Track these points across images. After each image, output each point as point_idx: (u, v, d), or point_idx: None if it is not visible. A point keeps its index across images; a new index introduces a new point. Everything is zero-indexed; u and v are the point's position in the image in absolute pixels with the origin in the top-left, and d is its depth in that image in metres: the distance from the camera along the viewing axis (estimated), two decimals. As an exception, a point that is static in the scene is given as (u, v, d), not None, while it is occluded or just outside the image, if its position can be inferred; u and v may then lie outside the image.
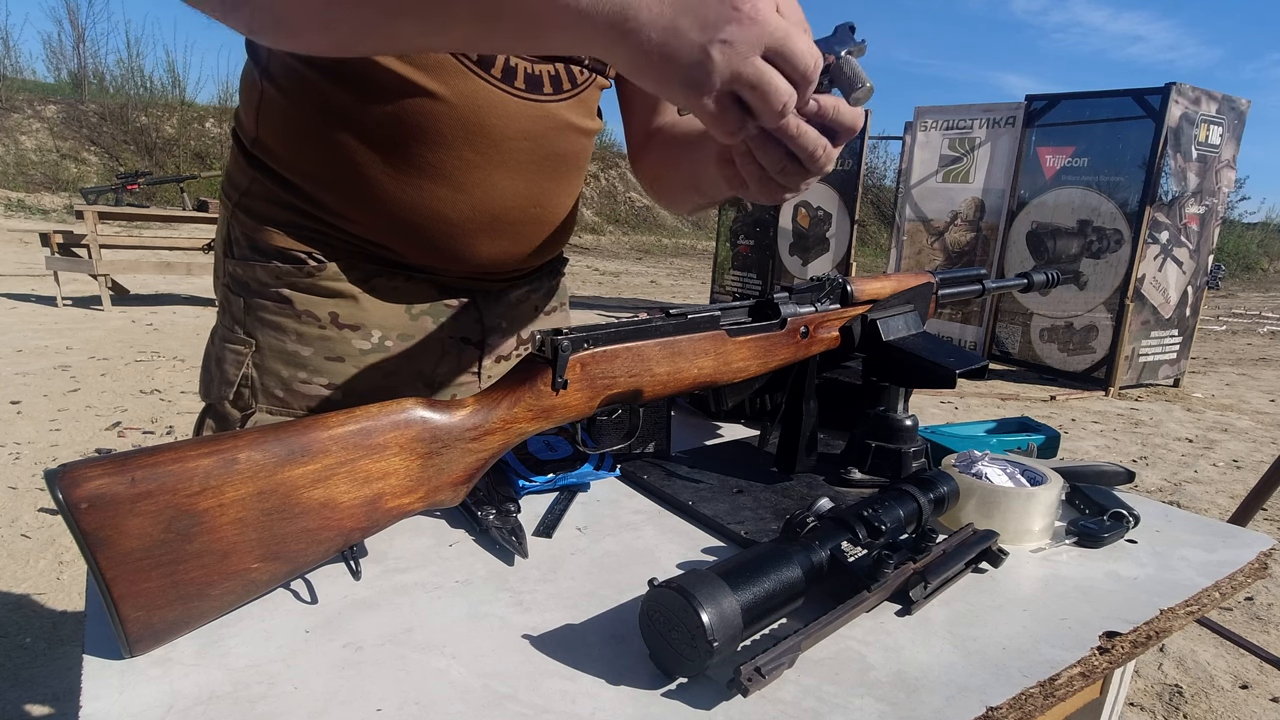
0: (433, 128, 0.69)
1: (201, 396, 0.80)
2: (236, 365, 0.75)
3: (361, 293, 0.76)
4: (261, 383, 0.75)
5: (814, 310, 0.72)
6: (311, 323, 0.75)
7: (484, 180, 0.72)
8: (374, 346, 0.77)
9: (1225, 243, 17.43)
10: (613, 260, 14.88)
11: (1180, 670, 2.03)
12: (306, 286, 0.74)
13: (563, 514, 0.67)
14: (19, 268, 7.88)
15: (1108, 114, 5.26)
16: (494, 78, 0.69)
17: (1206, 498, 3.34)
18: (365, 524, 0.50)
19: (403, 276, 0.77)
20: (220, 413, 0.77)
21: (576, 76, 0.76)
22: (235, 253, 0.76)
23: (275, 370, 0.75)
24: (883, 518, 0.55)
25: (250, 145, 0.74)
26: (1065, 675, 0.47)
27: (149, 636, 0.44)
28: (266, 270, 0.74)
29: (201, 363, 0.81)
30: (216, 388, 0.77)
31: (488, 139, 0.71)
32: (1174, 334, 5.54)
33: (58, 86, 15.51)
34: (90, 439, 3.20)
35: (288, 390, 0.75)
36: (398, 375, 0.78)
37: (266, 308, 0.75)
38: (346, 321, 0.76)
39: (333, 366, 0.76)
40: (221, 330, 0.78)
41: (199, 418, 0.80)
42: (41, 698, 1.67)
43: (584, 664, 0.46)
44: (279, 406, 0.76)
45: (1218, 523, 0.73)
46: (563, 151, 0.78)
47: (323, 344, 0.75)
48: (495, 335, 0.85)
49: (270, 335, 0.75)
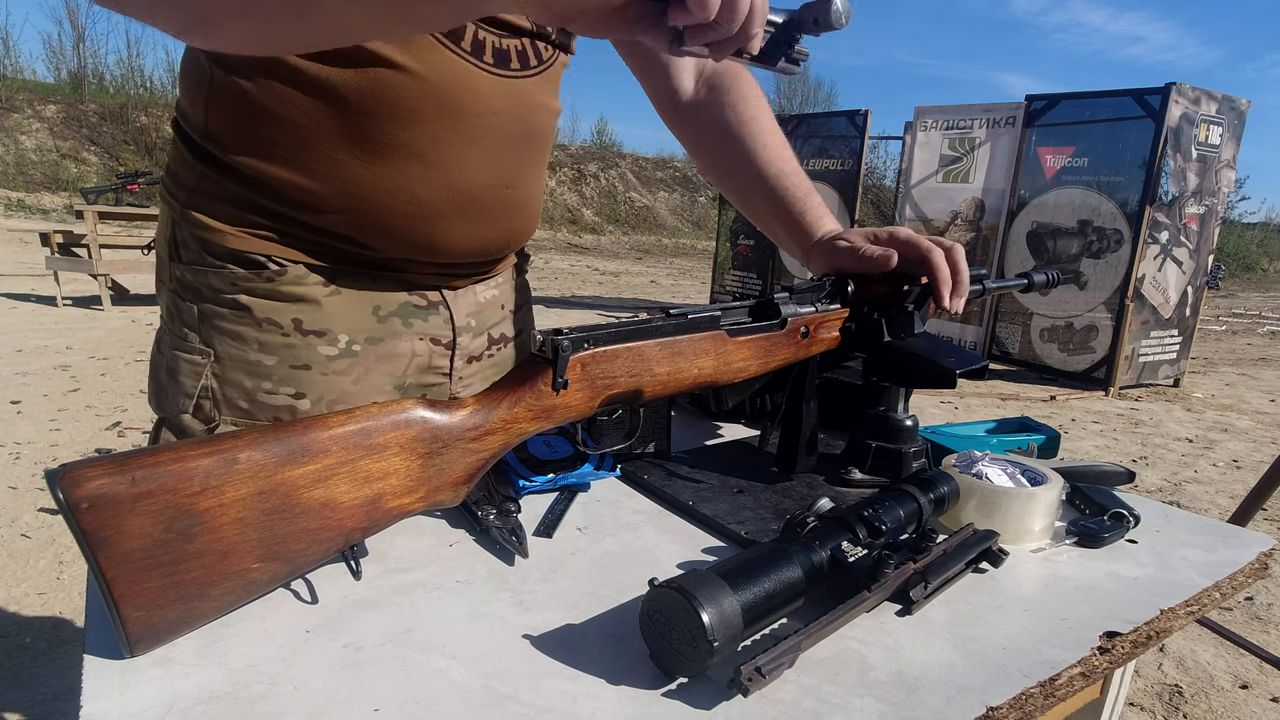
0: (403, 104, 0.66)
1: (154, 409, 0.75)
2: (194, 376, 0.71)
3: (325, 296, 0.72)
4: (223, 394, 0.71)
5: (814, 310, 0.72)
6: (274, 330, 0.71)
7: (457, 158, 0.70)
8: (341, 352, 0.74)
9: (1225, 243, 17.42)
10: (613, 260, 14.88)
11: (1180, 670, 2.03)
12: (266, 292, 0.70)
13: (563, 514, 0.67)
14: (19, 268, 7.88)
15: (1108, 114, 5.27)
16: (464, 51, 0.67)
17: (1206, 498, 3.34)
18: (365, 524, 0.50)
19: (368, 276, 0.74)
20: (179, 425, 0.73)
21: (542, 53, 0.74)
22: (183, 256, 0.72)
23: (237, 381, 0.71)
24: (883, 518, 0.55)
25: (200, 138, 0.69)
26: (1065, 675, 0.47)
27: (149, 636, 0.44)
28: (220, 276, 0.70)
29: (149, 373, 0.76)
30: (172, 400, 0.73)
31: (460, 115, 0.68)
32: (1174, 334, 5.54)
33: (58, 86, 15.51)
34: (90, 439, 3.20)
35: (251, 401, 0.72)
36: (367, 380, 0.76)
37: (223, 315, 0.71)
38: (311, 327, 0.72)
39: (298, 375, 0.72)
40: (171, 338, 0.73)
41: (154, 430, 0.76)
42: (41, 698, 1.67)
43: (584, 664, 0.46)
44: (244, 418, 0.72)
45: (1218, 523, 0.73)
46: (533, 129, 0.76)
47: (287, 352, 0.72)
48: (465, 335, 0.83)
49: (229, 345, 0.71)
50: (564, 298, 9.01)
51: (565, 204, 18.03)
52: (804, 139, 7.25)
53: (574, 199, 18.34)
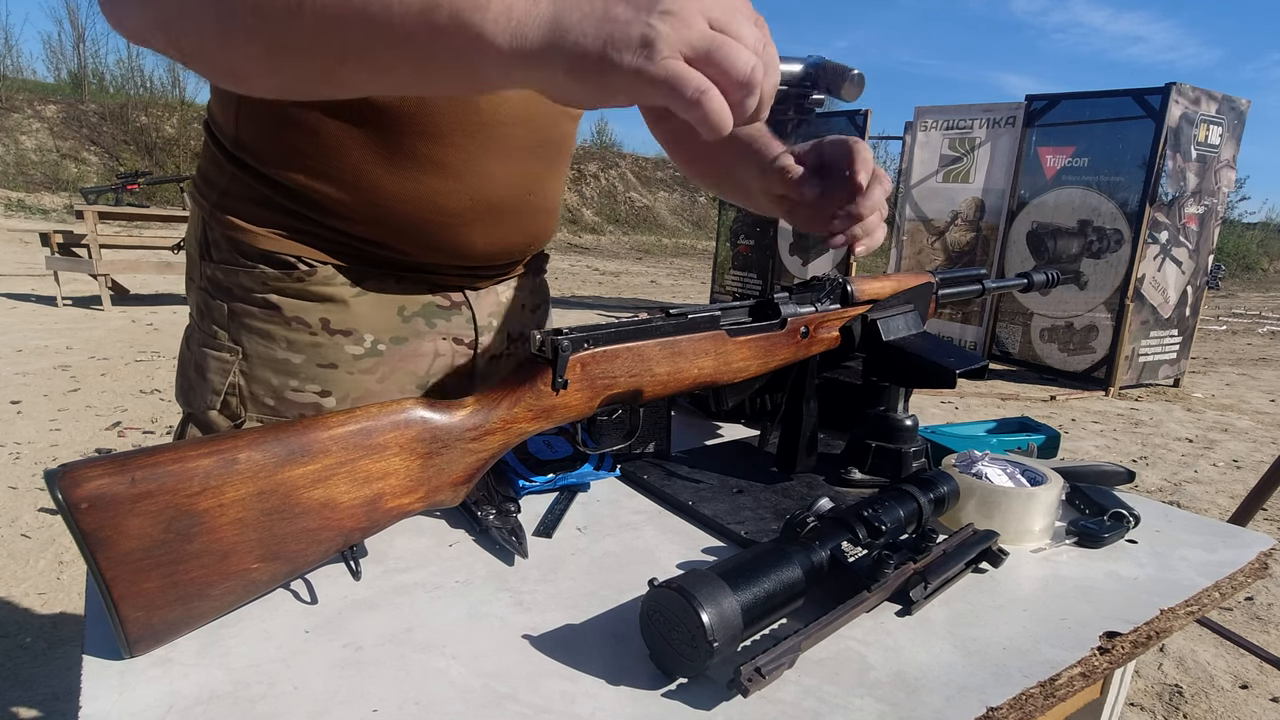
0: (428, 118, 0.68)
1: (181, 404, 0.77)
2: (222, 374, 0.73)
3: (352, 297, 0.74)
4: (250, 391, 0.73)
5: (814, 310, 0.72)
6: (302, 329, 0.73)
7: (480, 168, 0.71)
8: (367, 351, 0.75)
9: (1225, 243, 17.43)
10: (613, 260, 14.88)
11: (1180, 670, 2.03)
12: (296, 292, 0.72)
13: (563, 514, 0.67)
14: (19, 268, 7.88)
15: (1108, 114, 5.27)
16: None
17: (1206, 498, 3.34)
18: (365, 524, 0.50)
19: (394, 277, 0.76)
20: (205, 421, 0.74)
21: None
22: (214, 255, 0.74)
23: (265, 378, 0.73)
24: (883, 518, 0.55)
25: (231, 146, 0.71)
26: (1065, 675, 0.47)
27: (149, 637, 0.44)
28: (251, 275, 0.72)
29: (177, 369, 0.78)
30: (200, 396, 0.74)
31: (483, 127, 0.70)
32: (1174, 334, 5.54)
33: (58, 86, 15.52)
34: (90, 439, 3.20)
35: (279, 399, 0.74)
36: (391, 379, 0.77)
37: (253, 314, 0.72)
38: (338, 327, 0.74)
39: (325, 373, 0.74)
40: (200, 335, 0.75)
41: (180, 426, 0.77)
42: (41, 698, 1.67)
43: (584, 664, 0.46)
44: (270, 415, 0.74)
45: (1218, 523, 0.73)
46: (553, 136, 0.77)
47: (314, 351, 0.73)
48: (487, 334, 0.84)
49: (258, 343, 0.73)
50: (564, 298, 9.01)
51: (565, 204, 18.02)
52: (804, 139, 7.24)
53: (574, 199, 18.35)
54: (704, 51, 0.41)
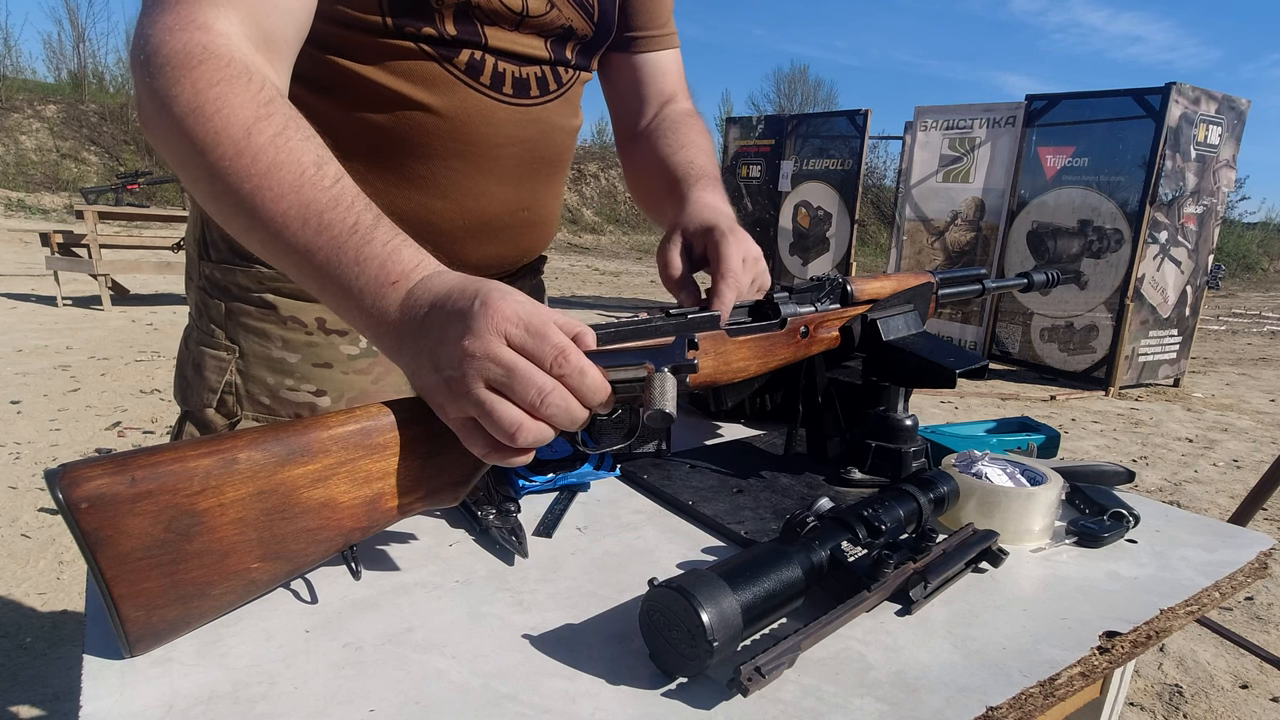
0: (422, 140, 0.68)
1: (179, 402, 0.78)
2: (219, 372, 0.74)
3: None
4: (247, 390, 0.74)
5: (814, 310, 0.72)
6: (298, 329, 0.73)
7: (473, 189, 0.72)
8: (362, 351, 0.76)
9: (1225, 243, 17.41)
10: (613, 260, 14.88)
11: (1180, 670, 2.03)
12: (291, 291, 0.73)
13: (563, 514, 0.67)
14: (19, 268, 7.88)
15: (1108, 114, 5.26)
16: (483, 85, 0.69)
17: (1206, 498, 3.34)
18: (365, 524, 0.50)
19: None
20: (202, 419, 0.75)
21: (562, 76, 0.75)
22: (212, 255, 0.74)
23: (260, 377, 0.74)
24: (883, 518, 0.55)
25: None
26: (1065, 675, 0.47)
27: (149, 636, 0.44)
28: (247, 274, 0.72)
29: (175, 367, 0.79)
30: (197, 394, 0.75)
31: (477, 148, 0.70)
32: (1174, 334, 5.54)
33: (58, 86, 15.51)
34: (90, 439, 3.20)
35: (274, 397, 0.74)
36: (386, 379, 0.78)
37: (249, 313, 0.73)
38: (333, 327, 0.74)
39: (320, 373, 0.74)
40: (199, 334, 0.76)
41: (178, 424, 0.78)
42: (41, 698, 1.67)
43: (584, 664, 0.46)
44: (265, 413, 0.74)
45: (1218, 523, 0.73)
46: (549, 155, 0.77)
47: (310, 350, 0.74)
48: None
49: (254, 341, 0.73)
50: (564, 298, 9.01)
51: (565, 204, 18.01)
52: (804, 139, 7.25)
53: (574, 199, 18.33)
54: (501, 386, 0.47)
